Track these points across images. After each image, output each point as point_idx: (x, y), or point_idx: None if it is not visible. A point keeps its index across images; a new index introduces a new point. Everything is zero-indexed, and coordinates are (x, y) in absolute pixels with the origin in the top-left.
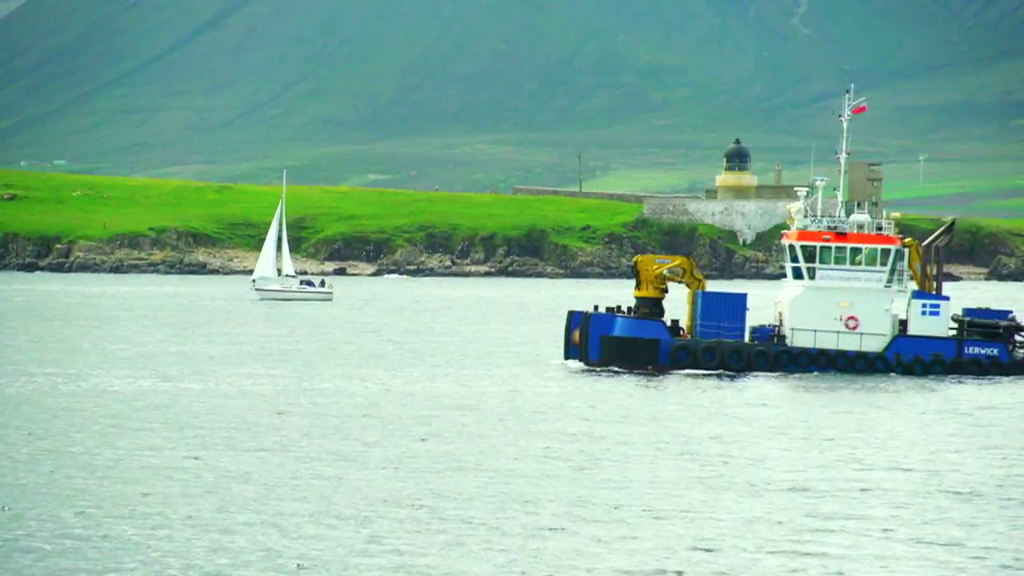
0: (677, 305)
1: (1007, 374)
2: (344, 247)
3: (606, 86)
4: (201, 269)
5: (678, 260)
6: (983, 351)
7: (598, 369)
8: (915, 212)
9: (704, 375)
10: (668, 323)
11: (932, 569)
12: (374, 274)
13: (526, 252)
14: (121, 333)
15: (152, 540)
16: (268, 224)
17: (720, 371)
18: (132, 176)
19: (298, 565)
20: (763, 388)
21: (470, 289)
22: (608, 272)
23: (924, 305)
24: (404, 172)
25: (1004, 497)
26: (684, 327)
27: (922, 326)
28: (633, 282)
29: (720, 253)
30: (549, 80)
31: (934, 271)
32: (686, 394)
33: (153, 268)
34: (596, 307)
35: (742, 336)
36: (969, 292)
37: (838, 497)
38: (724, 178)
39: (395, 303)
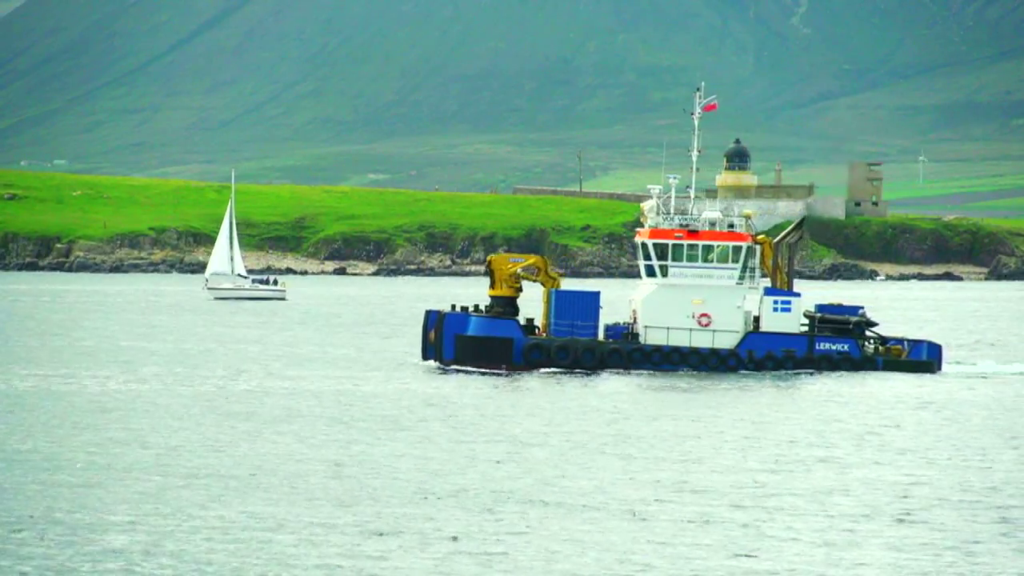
0: (533, 304)
1: (858, 369)
2: (344, 247)
3: (606, 86)
4: (201, 269)
5: (532, 259)
6: (834, 347)
7: (451, 368)
8: (915, 212)
9: (558, 373)
10: (522, 322)
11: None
12: (374, 274)
13: (526, 252)
14: None
15: None
16: (268, 224)
17: (574, 369)
18: (132, 176)
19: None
20: (615, 386)
21: (458, 287)
22: (608, 272)
23: (776, 302)
24: (404, 172)
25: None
26: (539, 326)
27: (774, 322)
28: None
29: None
30: (549, 80)
31: (786, 268)
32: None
33: (153, 268)
34: (453, 306)
35: (596, 334)
36: (822, 289)
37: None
38: (724, 178)
39: (330, 300)
